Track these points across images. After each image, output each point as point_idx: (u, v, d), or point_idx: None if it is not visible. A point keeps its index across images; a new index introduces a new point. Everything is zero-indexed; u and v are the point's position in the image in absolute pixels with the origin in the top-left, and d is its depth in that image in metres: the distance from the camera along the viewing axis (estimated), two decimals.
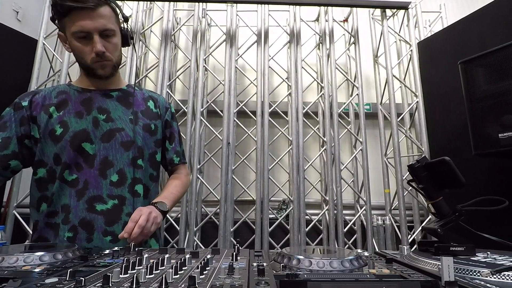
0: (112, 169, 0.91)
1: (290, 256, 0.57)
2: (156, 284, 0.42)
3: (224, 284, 0.43)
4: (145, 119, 1.01)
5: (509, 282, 0.44)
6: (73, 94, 0.95)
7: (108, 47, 0.89)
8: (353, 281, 0.42)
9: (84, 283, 0.41)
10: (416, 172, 0.68)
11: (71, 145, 0.88)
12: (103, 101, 0.96)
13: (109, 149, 0.92)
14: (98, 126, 0.93)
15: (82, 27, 0.84)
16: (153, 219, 0.84)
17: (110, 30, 0.89)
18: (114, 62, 0.93)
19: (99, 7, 0.85)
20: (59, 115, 0.91)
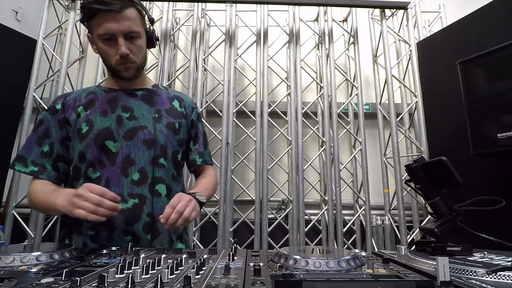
0: (133, 167, 0.90)
1: (287, 256, 0.57)
2: (151, 284, 0.42)
3: (219, 284, 0.43)
4: (169, 118, 0.99)
5: (504, 282, 0.44)
6: (100, 94, 0.98)
7: (133, 49, 0.90)
8: (349, 281, 0.42)
9: (80, 283, 0.41)
10: (413, 172, 0.68)
11: (95, 143, 0.90)
12: (127, 100, 0.97)
13: (132, 147, 0.92)
14: (122, 124, 0.93)
15: (107, 29, 0.85)
16: (194, 206, 0.82)
17: (135, 32, 0.89)
18: (138, 64, 0.93)
19: (125, 10, 0.86)
20: (86, 114, 0.93)
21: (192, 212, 0.80)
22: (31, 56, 2.19)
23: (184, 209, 0.78)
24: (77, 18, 2.39)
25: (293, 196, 2.16)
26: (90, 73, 2.40)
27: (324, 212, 2.27)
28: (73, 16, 2.29)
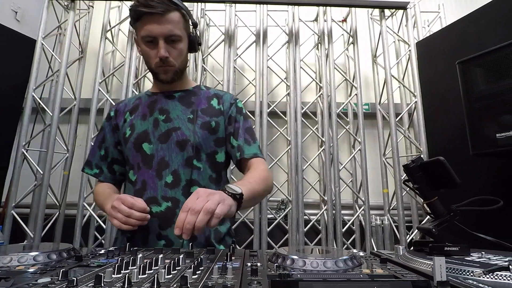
0: (167, 170, 0.89)
1: (285, 256, 0.57)
2: (148, 284, 0.42)
3: (216, 284, 0.43)
4: (205, 117, 0.95)
5: (501, 282, 0.44)
6: (144, 98, 1.01)
7: (173, 52, 0.90)
8: (345, 281, 0.42)
9: (76, 283, 0.41)
10: (411, 172, 0.68)
11: (134, 146, 0.93)
12: (165, 102, 0.97)
13: (166, 149, 0.91)
14: (158, 127, 0.93)
15: (149, 31, 0.86)
16: (219, 198, 0.65)
17: (176, 36, 0.88)
18: (177, 68, 0.93)
19: (168, 13, 0.86)
20: (130, 119, 0.97)
21: (219, 205, 0.64)
22: (31, 56, 2.19)
23: (203, 204, 0.63)
24: (77, 18, 2.40)
25: (292, 196, 2.16)
26: (90, 73, 2.41)
27: (323, 212, 2.27)
28: (72, 16, 2.29)
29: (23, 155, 2.09)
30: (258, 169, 0.92)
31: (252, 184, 0.82)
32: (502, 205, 0.61)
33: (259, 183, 0.85)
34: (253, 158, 0.95)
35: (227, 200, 0.67)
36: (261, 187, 0.85)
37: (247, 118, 1.02)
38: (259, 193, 0.85)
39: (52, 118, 2.16)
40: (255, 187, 0.82)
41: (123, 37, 2.62)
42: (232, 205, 0.68)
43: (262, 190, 0.86)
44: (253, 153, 0.95)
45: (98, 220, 2.16)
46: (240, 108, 1.02)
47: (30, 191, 2.12)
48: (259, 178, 0.87)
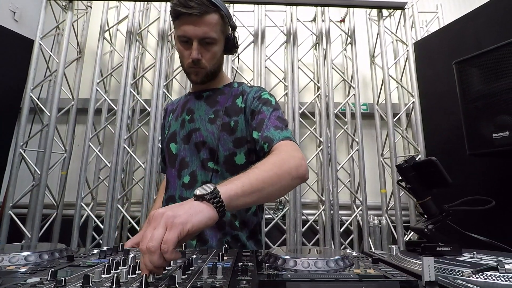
0: (186, 170, 0.90)
1: (276, 256, 0.57)
2: (136, 284, 0.42)
3: (205, 284, 0.43)
4: (225, 117, 0.90)
5: (489, 282, 0.44)
6: (183, 98, 1.04)
7: (206, 55, 0.88)
8: (333, 281, 0.42)
9: (65, 283, 0.41)
10: (404, 172, 0.68)
11: (166, 146, 0.98)
12: (193, 102, 0.98)
13: (188, 150, 0.92)
14: (183, 127, 0.94)
15: (185, 32, 0.85)
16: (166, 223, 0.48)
17: (211, 38, 0.86)
18: (208, 70, 0.91)
19: (206, 15, 0.84)
20: (170, 119, 1.02)
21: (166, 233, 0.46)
22: (29, 56, 2.19)
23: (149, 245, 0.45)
24: (74, 18, 2.40)
25: (290, 196, 2.16)
26: (88, 73, 2.41)
27: (321, 212, 2.27)
28: (70, 16, 2.29)
29: (20, 155, 2.09)
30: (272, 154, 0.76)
31: (250, 173, 0.65)
32: (494, 205, 0.61)
33: (267, 169, 0.68)
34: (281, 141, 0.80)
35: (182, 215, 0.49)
36: (270, 173, 0.67)
37: (277, 108, 0.90)
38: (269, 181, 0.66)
39: (50, 118, 2.15)
40: (258, 176, 0.65)
41: (121, 37, 2.62)
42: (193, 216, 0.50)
43: (272, 176, 0.67)
44: (285, 137, 0.81)
45: (96, 220, 2.16)
46: (265, 98, 0.91)
47: (28, 191, 2.12)
48: (268, 163, 0.71)
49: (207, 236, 0.85)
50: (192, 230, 0.49)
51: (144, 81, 2.64)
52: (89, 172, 2.33)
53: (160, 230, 0.46)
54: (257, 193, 0.64)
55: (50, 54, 2.30)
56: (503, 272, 0.43)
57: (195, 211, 0.51)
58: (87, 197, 2.24)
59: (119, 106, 2.21)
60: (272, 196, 0.70)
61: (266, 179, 0.66)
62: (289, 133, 0.84)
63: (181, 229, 0.47)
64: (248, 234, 0.89)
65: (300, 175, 0.73)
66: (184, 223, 0.48)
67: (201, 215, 0.51)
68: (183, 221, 0.48)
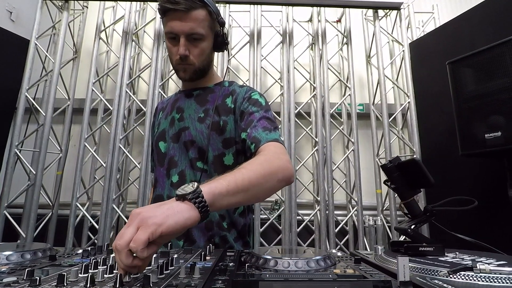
0: (175, 169, 0.89)
1: (258, 256, 0.58)
2: (111, 283, 0.42)
3: (180, 283, 0.43)
4: (215, 116, 0.89)
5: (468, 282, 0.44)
6: (173, 96, 1.04)
7: (194, 51, 0.87)
8: (306, 281, 0.42)
9: (39, 282, 0.41)
10: (388, 172, 0.68)
11: (155, 144, 0.97)
12: (183, 101, 0.97)
13: (177, 149, 0.91)
14: (173, 126, 0.94)
15: (171, 28, 0.85)
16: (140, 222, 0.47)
17: (198, 34, 0.85)
18: (197, 67, 0.90)
19: (192, 10, 0.83)
20: (160, 117, 1.01)
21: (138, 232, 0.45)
22: (25, 56, 2.20)
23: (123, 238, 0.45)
24: (70, 18, 2.40)
25: (285, 196, 2.16)
26: (84, 73, 2.41)
27: (316, 212, 2.27)
28: (66, 16, 2.29)
29: (16, 155, 2.09)
30: (259, 154, 0.75)
31: (236, 173, 0.64)
32: (476, 205, 0.61)
33: (253, 169, 0.67)
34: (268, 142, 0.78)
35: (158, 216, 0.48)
36: (256, 174, 0.66)
37: (267, 109, 0.89)
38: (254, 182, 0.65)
39: (45, 118, 2.16)
40: (244, 176, 0.64)
41: (117, 38, 2.62)
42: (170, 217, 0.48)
43: (258, 177, 0.66)
44: (273, 138, 0.79)
45: (91, 220, 2.16)
46: (254, 99, 0.90)
47: (23, 191, 2.12)
48: (254, 164, 0.69)
49: (194, 237, 0.85)
50: (167, 231, 0.47)
51: (140, 81, 2.64)
52: (84, 172, 2.33)
53: (130, 230, 0.46)
54: (242, 193, 0.63)
55: (46, 54, 2.30)
56: (477, 272, 0.43)
57: (173, 211, 0.50)
58: (83, 197, 2.24)
59: (115, 106, 2.21)
60: (258, 197, 0.69)
61: (252, 180, 0.65)
62: (277, 135, 0.82)
63: (153, 230, 0.45)
64: (236, 235, 0.88)
65: (285, 177, 0.72)
66: (159, 224, 0.46)
67: (179, 216, 0.49)
68: (158, 222, 0.46)
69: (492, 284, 0.44)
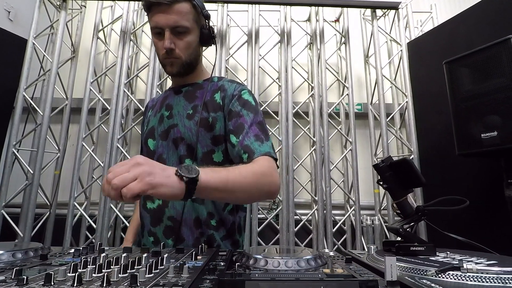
0: None
1: (248, 255, 0.58)
2: (99, 282, 0.42)
3: (167, 283, 0.43)
4: (203, 113, 0.87)
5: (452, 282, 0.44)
6: (163, 94, 1.03)
7: (179, 44, 0.87)
8: (293, 281, 0.42)
9: (27, 282, 0.41)
10: (381, 171, 0.68)
11: (144, 142, 0.97)
12: (172, 97, 0.96)
13: (165, 146, 0.91)
14: (162, 123, 0.93)
15: (156, 22, 0.85)
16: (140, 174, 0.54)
17: (182, 27, 0.85)
18: (183, 61, 0.89)
19: (176, 4, 0.83)
20: (150, 115, 1.00)
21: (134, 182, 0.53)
22: (23, 55, 2.19)
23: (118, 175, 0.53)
24: (68, 18, 2.40)
25: (283, 196, 2.16)
26: (82, 73, 2.41)
27: (314, 212, 2.27)
28: (64, 15, 2.29)
29: (13, 154, 2.09)
30: (255, 163, 0.77)
31: (231, 172, 0.68)
32: (467, 205, 0.61)
33: (245, 175, 0.71)
34: (262, 156, 0.79)
35: (157, 178, 0.55)
36: (247, 179, 0.71)
37: (256, 112, 0.87)
38: (241, 186, 0.70)
39: (43, 117, 2.16)
40: (236, 177, 0.68)
41: (115, 37, 2.61)
42: (162, 187, 0.55)
43: (248, 184, 0.71)
44: (266, 151, 0.80)
45: (89, 220, 2.16)
46: (245, 100, 0.88)
47: (21, 191, 2.12)
48: (248, 171, 0.73)
49: (183, 235, 0.85)
50: (153, 194, 0.55)
51: (138, 80, 2.64)
52: (82, 172, 2.33)
53: (130, 176, 0.53)
54: (228, 193, 0.69)
55: (43, 53, 2.30)
56: (464, 272, 0.43)
57: (168, 182, 0.57)
58: (81, 196, 2.24)
59: (113, 106, 2.21)
60: (237, 200, 0.79)
61: (242, 185, 0.70)
62: (269, 146, 0.82)
63: (146, 188, 0.54)
64: (225, 233, 0.88)
65: (270, 193, 0.78)
66: (152, 186, 0.54)
67: (169, 189, 0.57)
68: (153, 183, 0.54)
69: (481, 284, 0.44)
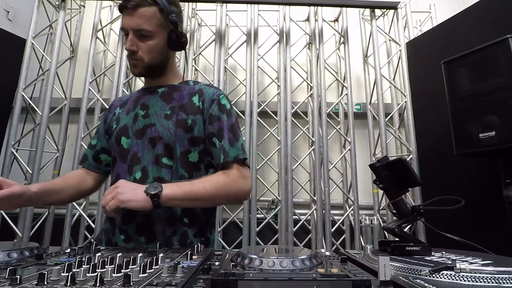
0: (138, 165, 0.90)
1: (244, 255, 0.58)
2: (92, 282, 0.42)
3: (161, 282, 0.43)
4: (182, 114, 0.91)
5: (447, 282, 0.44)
6: (134, 94, 1.04)
7: (142, 47, 0.90)
8: (286, 280, 0.42)
9: (20, 281, 0.41)
10: (377, 171, 0.68)
11: (115, 140, 0.95)
12: (147, 97, 0.98)
13: (140, 145, 0.92)
14: (136, 122, 0.94)
15: (122, 24, 0.90)
16: (115, 194, 0.75)
17: (146, 31, 0.88)
18: (146, 63, 0.91)
19: (140, 8, 0.87)
20: (119, 113, 1.00)
21: (112, 200, 0.74)
22: (21, 55, 2.19)
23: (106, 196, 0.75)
24: (67, 17, 2.40)
25: (282, 196, 2.16)
26: (81, 72, 2.40)
27: (313, 212, 2.27)
28: (62, 15, 2.29)
29: (12, 154, 2.09)
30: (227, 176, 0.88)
31: (196, 186, 0.82)
32: (463, 205, 0.61)
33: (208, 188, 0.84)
34: (233, 163, 0.90)
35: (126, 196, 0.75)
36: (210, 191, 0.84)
37: (231, 115, 0.95)
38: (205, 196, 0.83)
39: (42, 117, 2.16)
40: (199, 190, 0.82)
41: (114, 37, 2.62)
42: (131, 202, 0.75)
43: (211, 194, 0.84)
44: (234, 156, 0.90)
45: (87, 220, 2.16)
46: (223, 105, 0.95)
47: None
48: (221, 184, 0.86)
49: (156, 232, 0.86)
50: (126, 207, 0.75)
51: (137, 80, 2.64)
52: None
53: (109, 197, 0.75)
54: (192, 202, 0.85)
55: (42, 53, 2.30)
56: (457, 272, 0.43)
57: (137, 198, 0.76)
58: None
59: None
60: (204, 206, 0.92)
61: (204, 196, 0.83)
62: (239, 148, 0.91)
63: (119, 204, 0.74)
64: (197, 230, 0.91)
65: (237, 198, 0.92)
66: (123, 201, 0.74)
67: (138, 204, 0.76)
68: (123, 199, 0.74)
69: (475, 283, 0.44)
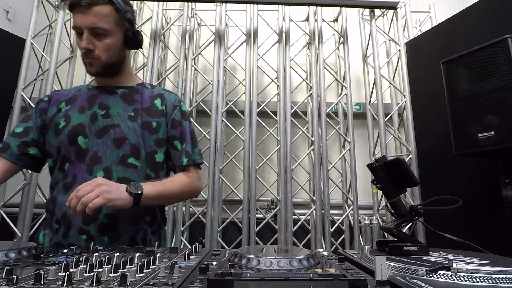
0: (99, 165, 0.89)
1: (241, 255, 0.58)
2: (88, 282, 0.42)
3: (158, 282, 0.43)
4: (146, 117, 0.95)
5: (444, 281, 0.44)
6: (84, 91, 1.00)
7: (99, 46, 0.89)
8: (282, 280, 0.42)
9: (17, 281, 0.42)
10: (374, 171, 0.68)
11: (68, 138, 0.91)
12: (106, 97, 0.97)
13: (101, 145, 0.91)
14: (95, 122, 0.93)
15: (75, 23, 0.88)
16: (100, 192, 0.73)
17: (101, 29, 0.88)
18: (104, 62, 0.91)
19: (95, 6, 0.86)
20: (66, 110, 0.96)
21: (97, 198, 0.72)
22: (21, 55, 2.19)
23: (85, 194, 0.72)
24: (67, 17, 2.40)
25: (281, 196, 2.16)
26: (80, 72, 2.40)
27: (312, 212, 2.27)
28: (62, 15, 2.29)
29: None
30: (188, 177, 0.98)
31: (166, 186, 0.90)
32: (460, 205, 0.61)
33: (178, 188, 0.93)
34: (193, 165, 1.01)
35: (112, 194, 0.76)
36: (178, 190, 0.93)
37: (190, 122, 1.06)
38: (172, 195, 0.93)
39: None
40: (170, 190, 0.91)
41: None
42: (117, 200, 0.76)
43: (178, 193, 0.94)
44: (195, 159, 1.01)
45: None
46: (184, 111, 1.03)
47: (19, 190, 2.12)
48: (184, 185, 0.95)
49: (120, 232, 0.87)
50: (110, 206, 0.77)
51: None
52: None
53: (93, 194, 0.73)
54: (163, 200, 0.95)
55: (42, 53, 2.30)
56: (454, 272, 0.43)
57: (121, 197, 0.77)
58: None
59: None
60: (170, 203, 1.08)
61: (173, 194, 0.93)
62: (197, 153, 1.02)
63: (105, 202, 0.74)
64: (155, 228, 0.96)
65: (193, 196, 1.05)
66: (109, 200, 0.75)
67: (122, 202, 0.78)
68: (110, 198, 0.75)
69: (472, 283, 0.44)
